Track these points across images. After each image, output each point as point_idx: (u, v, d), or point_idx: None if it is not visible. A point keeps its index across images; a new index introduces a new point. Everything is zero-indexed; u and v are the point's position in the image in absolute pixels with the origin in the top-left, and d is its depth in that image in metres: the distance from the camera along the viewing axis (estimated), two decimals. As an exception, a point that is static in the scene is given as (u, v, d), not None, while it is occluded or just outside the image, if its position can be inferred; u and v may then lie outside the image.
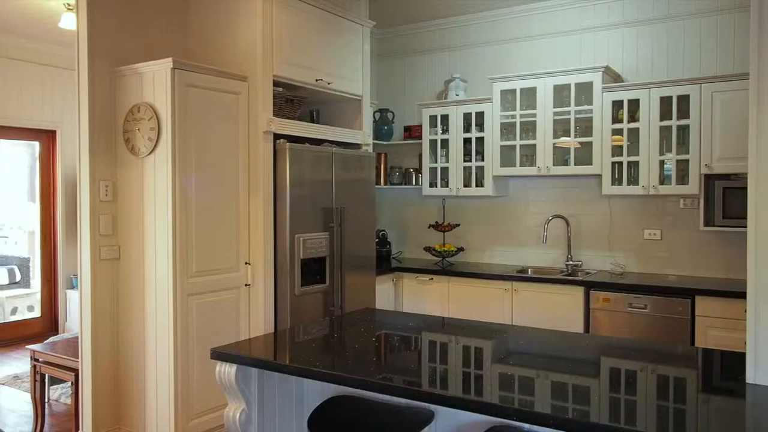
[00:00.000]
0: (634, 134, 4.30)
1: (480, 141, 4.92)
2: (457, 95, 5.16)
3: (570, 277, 4.38)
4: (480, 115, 4.91)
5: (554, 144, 4.58)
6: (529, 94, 4.68)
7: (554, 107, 4.55)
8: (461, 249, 5.21)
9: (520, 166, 4.74)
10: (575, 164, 4.52)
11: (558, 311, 4.25)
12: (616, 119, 4.37)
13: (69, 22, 5.14)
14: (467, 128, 5.00)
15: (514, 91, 4.73)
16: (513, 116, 4.75)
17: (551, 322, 4.10)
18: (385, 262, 5.20)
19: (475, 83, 5.25)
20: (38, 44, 6.39)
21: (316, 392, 2.63)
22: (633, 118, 4.30)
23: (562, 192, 4.88)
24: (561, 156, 4.64)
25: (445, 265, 5.03)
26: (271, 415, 2.55)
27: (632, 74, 4.59)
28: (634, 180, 4.32)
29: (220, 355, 2.38)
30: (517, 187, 5.08)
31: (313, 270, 4.04)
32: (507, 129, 4.83)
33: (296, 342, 2.69)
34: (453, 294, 4.73)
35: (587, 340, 2.94)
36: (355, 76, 4.52)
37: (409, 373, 2.20)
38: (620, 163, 4.36)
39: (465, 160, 5.00)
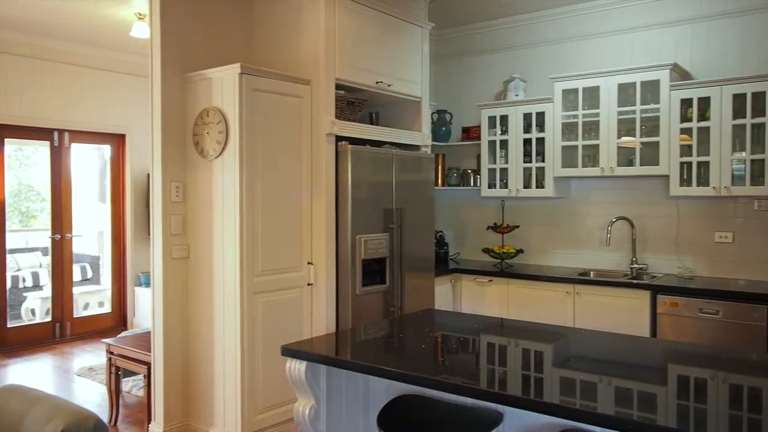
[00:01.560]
0: (704, 133, 4.16)
1: (540, 141, 4.86)
2: (516, 95, 5.11)
3: (636, 281, 4.27)
4: (540, 116, 4.85)
5: (618, 144, 4.48)
6: (592, 94, 4.60)
7: (618, 106, 4.45)
8: (520, 251, 5.16)
9: (583, 166, 4.66)
10: (641, 164, 4.41)
11: (623, 315, 4.16)
12: (684, 118, 4.24)
13: (140, 31, 5.36)
14: (527, 129, 4.95)
15: (576, 90, 4.66)
16: (575, 116, 4.68)
17: (615, 326, 4.02)
18: (442, 264, 5.20)
19: (535, 83, 5.19)
20: (109, 52, 6.69)
21: (382, 391, 2.66)
22: (703, 116, 4.16)
23: (626, 193, 4.77)
24: (625, 156, 4.53)
25: (504, 267, 4.99)
26: (338, 412, 2.60)
27: (702, 71, 4.44)
28: (704, 181, 4.18)
29: (290, 351, 2.44)
30: (579, 188, 5.00)
31: (373, 270, 4.09)
32: (568, 129, 4.76)
33: (363, 341, 2.73)
34: (513, 296, 4.69)
35: (654, 344, 2.87)
36: (415, 77, 4.55)
37: (475, 374, 2.21)
38: (689, 164, 4.23)
39: (525, 161, 4.95)
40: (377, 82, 4.18)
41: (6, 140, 6.19)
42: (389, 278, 4.17)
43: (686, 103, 4.23)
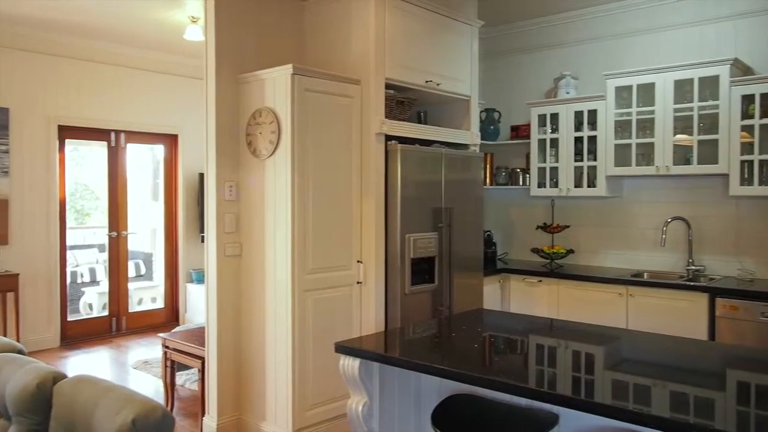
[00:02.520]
0: (766, 131, 4.01)
1: (592, 140, 4.78)
2: (567, 93, 5.03)
3: (692, 283, 4.15)
4: (592, 113, 4.76)
5: (674, 142, 4.36)
6: (647, 90, 4.49)
7: (675, 103, 4.33)
8: (571, 251, 5.07)
9: (636, 165, 4.55)
10: (698, 163, 4.28)
11: (678, 318, 4.05)
12: (746, 115, 4.09)
13: (193, 34, 5.50)
14: (578, 127, 4.87)
15: (630, 87, 4.55)
16: (629, 113, 4.58)
17: (670, 329, 3.90)
18: (490, 264, 5.16)
19: (587, 80, 5.10)
20: (163, 55, 6.88)
21: (433, 389, 2.66)
22: (766, 113, 4.01)
23: (682, 192, 4.64)
24: (682, 154, 4.41)
25: (554, 267, 4.92)
26: (390, 409, 2.61)
27: (765, 66, 4.28)
28: (766, 180, 4.03)
29: (343, 349, 2.47)
30: (632, 187, 4.88)
31: (422, 269, 4.09)
32: (622, 127, 4.66)
33: (415, 339, 2.74)
34: (563, 297, 4.62)
35: (712, 348, 2.78)
36: (464, 76, 4.52)
37: (529, 375, 2.19)
38: (750, 162, 4.08)
39: (576, 160, 4.87)
40: (427, 81, 4.18)
41: (66, 141, 6.43)
42: (438, 277, 4.17)
43: (747, 100, 4.08)
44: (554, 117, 4.99)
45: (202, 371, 3.95)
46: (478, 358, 2.41)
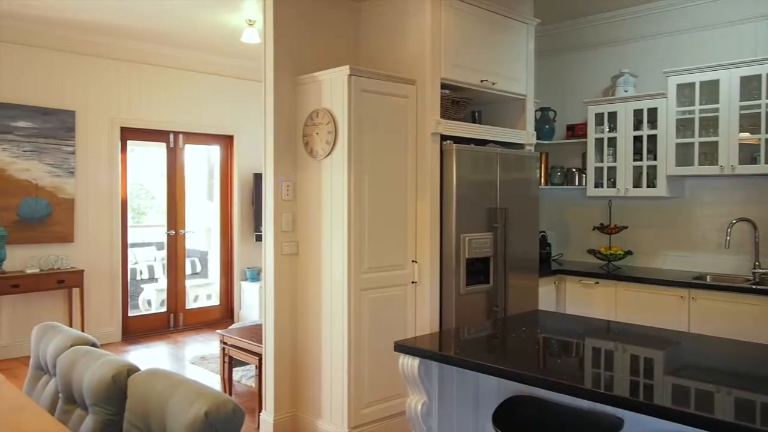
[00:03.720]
0: (840, 128, 3.83)
1: (652, 139, 4.65)
2: (626, 91, 4.92)
3: (760, 287, 3.99)
4: (652, 112, 4.64)
5: (740, 140, 4.20)
6: (711, 88, 4.34)
7: (741, 101, 4.18)
8: (629, 252, 4.95)
9: (699, 164, 4.41)
10: (765, 162, 4.11)
11: (744, 323, 3.90)
12: (818, 112, 3.92)
13: (250, 36, 5.62)
14: (637, 125, 4.75)
15: (692, 84, 4.41)
16: (691, 112, 4.44)
17: (735, 334, 3.76)
18: (545, 265, 5.08)
19: (646, 78, 4.97)
20: (220, 57, 7.05)
21: (492, 390, 2.65)
22: (840, 110, 3.83)
23: (747, 193, 4.47)
24: (747, 153, 4.25)
25: (611, 269, 4.81)
26: (449, 409, 2.61)
27: (838, 61, 4.09)
28: (840, 179, 3.84)
29: (403, 348, 2.48)
30: (694, 187, 4.73)
31: (476, 270, 4.06)
32: (684, 125, 4.52)
33: (473, 339, 2.73)
34: (621, 299, 4.51)
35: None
36: (519, 75, 4.47)
37: (591, 377, 2.15)
38: (822, 161, 3.90)
39: (635, 159, 4.75)
40: (482, 81, 4.15)
41: (128, 142, 6.67)
42: (493, 278, 4.14)
43: (820, 96, 3.90)
44: (612, 115, 4.89)
45: (260, 368, 4.03)
46: (538, 360, 2.38)
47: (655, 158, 4.64)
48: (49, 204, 5.98)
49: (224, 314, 7.50)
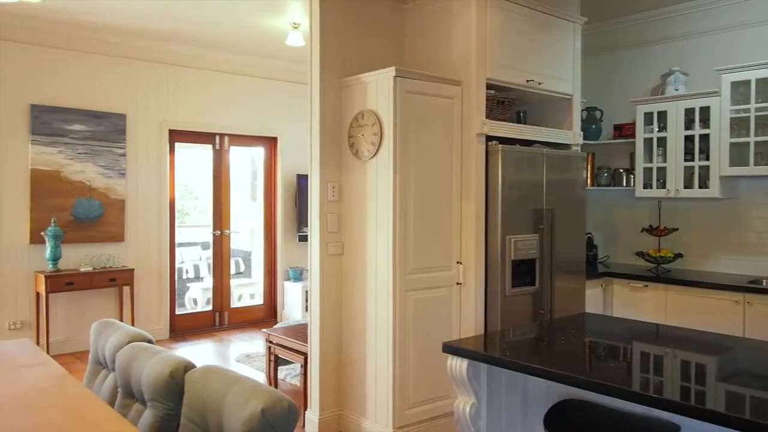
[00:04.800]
0: None
1: (704, 138, 4.53)
2: (676, 90, 4.80)
3: (820, 291, 3.85)
4: (705, 110, 4.51)
5: (799, 140, 4.06)
6: (767, 85, 4.20)
7: (799, 98, 4.04)
8: (679, 255, 4.83)
9: (755, 165, 4.27)
10: (826, 162, 3.96)
11: (804, 329, 3.76)
12: None
13: (295, 39, 5.69)
14: (689, 125, 4.63)
15: (747, 82, 4.28)
16: (746, 110, 4.30)
17: (795, 340, 3.64)
18: (591, 267, 5.00)
19: (697, 76, 4.84)
20: (264, 60, 7.16)
21: (541, 393, 2.62)
22: None
23: (806, 194, 4.31)
24: (807, 153, 4.10)
25: (661, 272, 4.70)
26: (497, 411, 2.60)
27: None
28: None
29: (451, 349, 2.48)
30: (750, 188, 4.58)
31: (522, 271, 4.02)
32: (738, 124, 4.38)
33: (521, 341, 2.70)
34: (671, 303, 4.40)
35: None
36: (566, 75, 4.41)
37: (647, 382, 2.11)
38: None
39: (686, 160, 4.63)
40: (528, 81, 4.11)
41: (176, 144, 6.83)
42: (539, 280, 4.09)
43: None
44: (662, 115, 4.78)
45: (305, 367, 4.07)
46: (589, 363, 2.35)
47: (707, 158, 4.51)
48: (102, 204, 6.17)
49: (267, 314, 7.61)
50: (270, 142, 7.54)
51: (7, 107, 5.68)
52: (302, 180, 7.31)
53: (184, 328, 6.93)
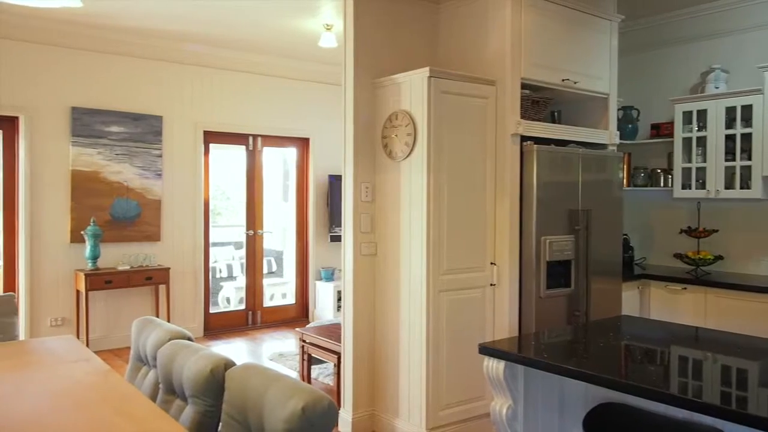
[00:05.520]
0: None
1: (746, 137, 4.42)
2: (716, 88, 4.69)
3: None
4: (747, 109, 4.40)
5: None
6: (813, 83, 4.08)
7: None
8: (719, 257, 4.72)
9: (799, 165, 4.15)
10: None
11: None
12: None
13: (328, 41, 5.72)
14: (730, 124, 4.52)
15: (791, 79, 4.16)
16: (790, 108, 4.19)
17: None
18: (627, 268, 4.92)
19: (739, 74, 4.72)
20: (296, 62, 7.22)
21: (579, 396, 2.59)
22: None
23: None
24: None
25: (700, 275, 4.60)
26: (534, 414, 2.57)
27: None
28: None
29: (488, 350, 2.46)
30: (793, 188, 4.46)
31: (557, 273, 3.98)
32: (781, 123, 4.27)
33: (559, 344, 2.68)
34: (711, 306, 4.31)
35: None
36: (602, 73, 4.35)
37: (690, 386, 2.07)
38: None
39: (727, 159, 4.52)
40: (563, 80, 4.07)
41: (210, 145, 6.93)
42: (574, 282, 4.04)
43: None
44: (702, 114, 4.67)
45: (338, 366, 4.10)
46: (629, 366, 2.31)
47: (749, 158, 4.40)
48: (139, 204, 6.30)
49: (299, 313, 7.67)
50: (302, 143, 7.59)
51: (50, 110, 5.84)
52: (334, 180, 7.36)
53: (218, 326, 7.03)
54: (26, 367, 2.47)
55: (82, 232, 5.85)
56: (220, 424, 2.04)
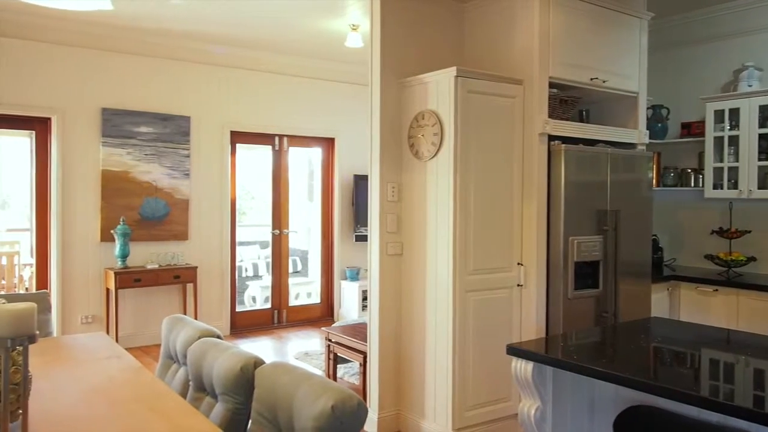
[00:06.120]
0: None
1: (780, 136, 4.32)
2: (749, 86, 4.60)
3: None
4: (781, 107, 4.31)
5: None
6: None
7: None
8: (752, 258, 4.62)
9: (836, 164, 4.05)
10: None
11: None
12: None
13: (354, 41, 5.74)
14: (763, 122, 4.42)
15: (828, 77, 4.06)
16: (827, 106, 4.08)
17: None
18: (656, 270, 4.84)
19: (773, 71, 4.62)
20: (322, 62, 7.25)
21: (609, 398, 2.56)
22: None
23: None
24: None
25: (731, 276, 4.51)
26: (563, 415, 2.55)
27: None
28: None
29: (516, 351, 2.45)
30: (829, 189, 4.35)
31: (584, 274, 3.94)
32: (818, 122, 4.16)
33: (588, 345, 2.65)
34: (743, 309, 4.22)
35: None
36: (631, 72, 4.29)
37: (722, 389, 2.03)
38: None
39: (760, 159, 4.43)
40: (592, 79, 4.02)
41: (237, 145, 7.00)
42: (602, 283, 3.99)
43: None
44: (734, 112, 4.58)
45: (364, 365, 4.10)
46: (660, 368, 2.28)
47: (783, 157, 4.31)
48: (167, 204, 6.38)
49: (324, 312, 7.70)
50: (327, 143, 7.63)
51: (81, 111, 5.95)
52: (359, 180, 7.37)
53: (244, 325, 7.09)
54: (61, 364, 2.52)
55: (112, 231, 5.95)
56: (250, 421, 2.06)
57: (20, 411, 1.81)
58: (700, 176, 4.89)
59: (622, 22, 4.21)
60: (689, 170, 5.03)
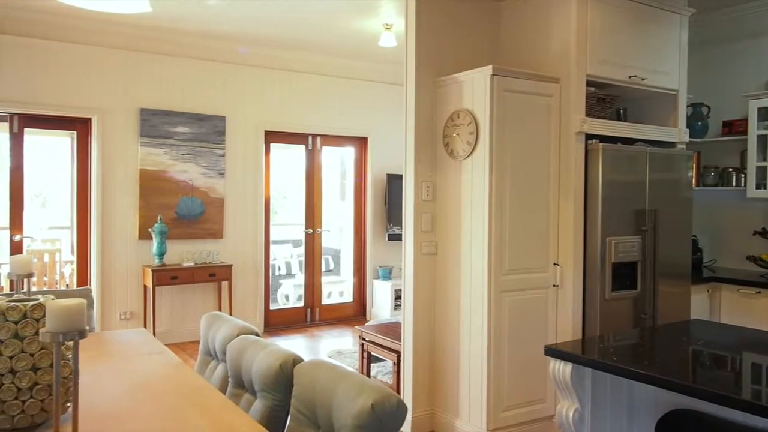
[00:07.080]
0: None
1: (828, 134, 4.19)
2: (795, 82, 4.46)
3: None
4: (829, 104, 4.18)
5: None
6: None
7: None
8: (797, 260, 4.50)
9: None
10: None
11: None
12: None
13: (387, 40, 5.75)
14: (809, 120, 4.30)
15: None
16: None
17: None
18: (696, 271, 4.74)
19: (820, 67, 4.48)
20: (355, 61, 7.28)
21: (649, 401, 2.51)
22: None
23: None
24: None
25: (775, 278, 4.39)
26: (602, 418, 2.52)
27: None
28: None
29: (555, 352, 2.42)
30: None
31: (622, 275, 3.88)
32: None
33: (628, 347, 2.61)
34: (788, 312, 4.10)
35: None
36: (671, 69, 4.21)
37: (763, 393, 1.98)
38: None
39: (806, 158, 4.30)
40: (630, 77, 3.95)
41: (271, 144, 7.07)
42: (640, 284, 3.92)
43: None
44: (778, 110, 4.46)
45: (398, 364, 4.11)
46: (702, 371, 2.23)
47: (831, 156, 4.17)
48: (203, 203, 6.49)
49: (357, 311, 7.73)
50: (360, 142, 7.65)
51: (120, 111, 6.09)
52: (393, 179, 7.38)
53: (277, 323, 7.17)
54: (104, 359, 2.59)
55: (149, 230, 6.07)
56: (289, 418, 2.08)
57: (68, 404, 1.87)
58: (742, 176, 4.77)
59: (661, 19, 4.13)
60: (731, 169, 4.91)
